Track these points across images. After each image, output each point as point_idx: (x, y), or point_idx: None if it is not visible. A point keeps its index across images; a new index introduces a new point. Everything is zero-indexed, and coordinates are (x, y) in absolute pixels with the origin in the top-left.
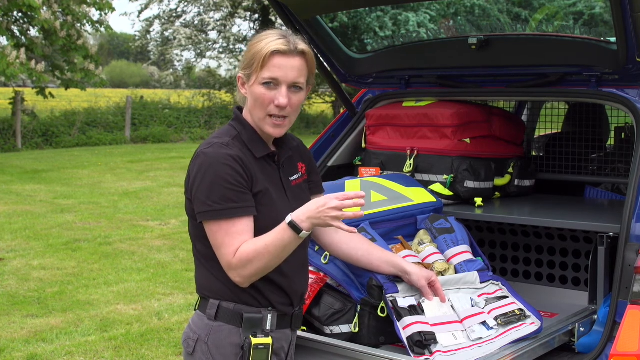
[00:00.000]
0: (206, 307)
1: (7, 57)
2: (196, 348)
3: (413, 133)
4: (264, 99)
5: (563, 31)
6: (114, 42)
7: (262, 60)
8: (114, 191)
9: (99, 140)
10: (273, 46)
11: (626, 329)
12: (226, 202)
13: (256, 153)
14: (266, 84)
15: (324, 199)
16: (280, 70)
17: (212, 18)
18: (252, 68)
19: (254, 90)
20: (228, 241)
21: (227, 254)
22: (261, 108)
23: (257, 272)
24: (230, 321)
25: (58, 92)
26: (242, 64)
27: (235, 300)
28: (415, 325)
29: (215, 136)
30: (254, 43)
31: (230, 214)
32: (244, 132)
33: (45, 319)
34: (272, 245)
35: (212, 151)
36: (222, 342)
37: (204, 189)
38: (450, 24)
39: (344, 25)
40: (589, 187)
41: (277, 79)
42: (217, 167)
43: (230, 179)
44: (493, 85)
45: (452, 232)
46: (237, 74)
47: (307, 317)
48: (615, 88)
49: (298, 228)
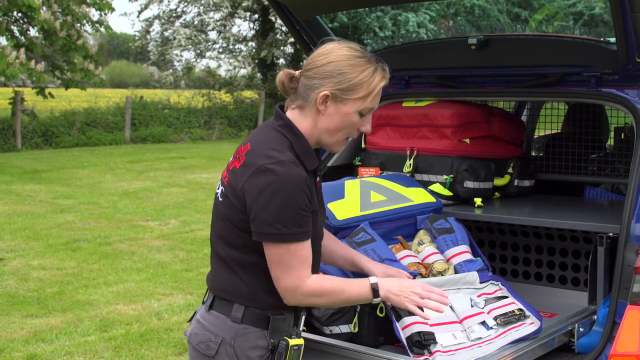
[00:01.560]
0: (230, 310)
1: (7, 57)
2: (219, 350)
3: (413, 133)
4: (355, 125)
5: (563, 31)
6: (114, 42)
7: (375, 92)
8: (113, 191)
9: (98, 140)
10: (383, 82)
11: (626, 329)
12: (296, 226)
13: (308, 166)
14: (364, 113)
15: (412, 282)
16: (378, 99)
17: (212, 18)
18: (353, 94)
19: (350, 116)
20: (296, 264)
21: (298, 276)
22: (346, 133)
23: (314, 304)
24: (256, 324)
25: (58, 92)
26: (334, 83)
27: (261, 307)
28: (414, 326)
29: (272, 146)
30: (352, 66)
31: (298, 238)
32: (297, 142)
33: (45, 319)
34: (348, 295)
35: (281, 171)
36: (248, 345)
37: (273, 210)
38: (450, 24)
39: (344, 25)
40: (589, 188)
41: (374, 109)
42: (290, 189)
43: (302, 203)
44: (493, 86)
45: (451, 232)
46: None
47: (307, 317)
48: (614, 88)
49: (377, 292)
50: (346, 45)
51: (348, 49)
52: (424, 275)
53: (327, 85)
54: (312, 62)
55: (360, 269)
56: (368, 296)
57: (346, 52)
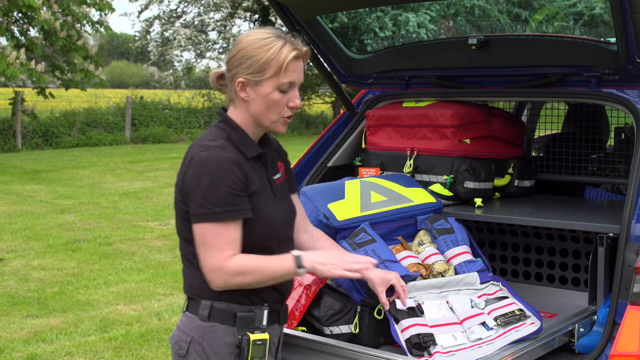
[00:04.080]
0: (197, 308)
1: (7, 58)
2: (190, 350)
3: (413, 133)
4: (280, 103)
5: (563, 31)
6: (114, 43)
7: (284, 67)
8: (114, 191)
9: (98, 140)
10: (292, 53)
11: (626, 329)
12: (224, 205)
13: (248, 154)
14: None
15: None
16: (296, 73)
17: (212, 18)
18: (264, 74)
19: (270, 96)
20: (220, 244)
21: (220, 256)
22: (276, 112)
23: (242, 285)
24: (223, 321)
25: (58, 92)
26: (244, 69)
27: (228, 300)
28: (413, 328)
29: (207, 139)
30: (257, 48)
31: (226, 217)
32: (234, 134)
33: (45, 319)
34: (272, 270)
35: (209, 154)
36: (217, 342)
37: (202, 192)
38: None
39: (344, 25)
40: (589, 188)
41: (294, 82)
42: (216, 170)
43: (230, 182)
44: (493, 86)
45: (452, 233)
46: (236, 79)
47: (307, 318)
48: (615, 88)
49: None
50: (255, 30)
51: (256, 33)
52: (425, 276)
53: (240, 73)
54: (228, 55)
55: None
56: (292, 268)
57: (252, 37)
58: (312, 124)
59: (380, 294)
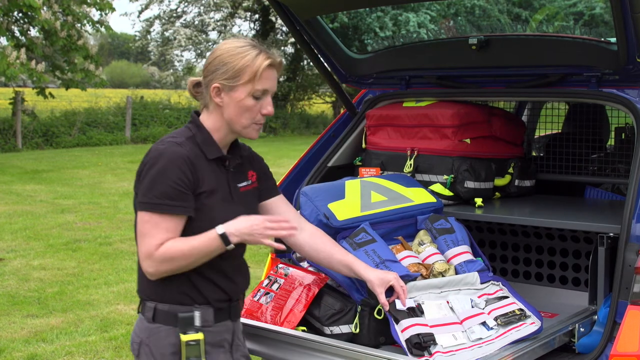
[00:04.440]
0: (145, 310)
1: (8, 58)
2: (140, 351)
3: (413, 133)
4: (253, 109)
5: (563, 31)
6: (114, 42)
7: (258, 74)
8: (114, 191)
9: (99, 140)
10: (267, 61)
11: (626, 329)
12: (164, 198)
13: (208, 155)
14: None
15: (258, 217)
16: (270, 81)
17: (212, 18)
18: (239, 80)
19: (244, 102)
20: (154, 233)
21: (150, 244)
22: (249, 117)
23: (173, 270)
24: (166, 322)
25: (58, 92)
26: (220, 74)
27: (171, 301)
28: (413, 328)
29: (170, 135)
30: (234, 55)
31: (164, 209)
32: (199, 134)
33: (45, 319)
34: (198, 250)
35: (163, 148)
36: (161, 343)
37: (147, 182)
38: (451, 24)
39: (344, 25)
40: (589, 188)
41: (268, 90)
42: (165, 164)
43: (174, 176)
44: (493, 86)
45: (452, 233)
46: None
47: (307, 318)
48: (615, 88)
49: (227, 240)
50: (232, 39)
51: (232, 41)
52: (425, 276)
53: (216, 78)
54: (205, 62)
55: (357, 275)
56: (219, 245)
57: (229, 45)
58: (313, 124)
59: (379, 295)
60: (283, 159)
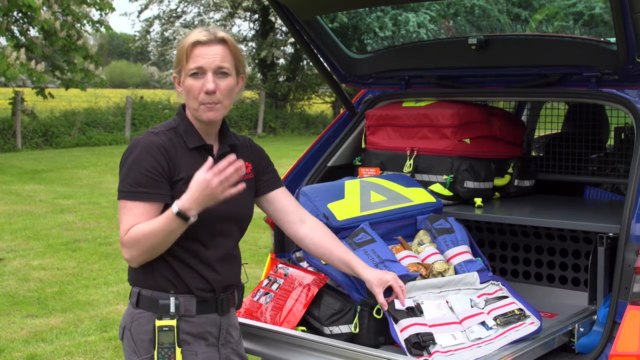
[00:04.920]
0: (130, 296)
1: (7, 58)
2: (124, 335)
3: (413, 133)
4: (193, 89)
5: (563, 31)
6: (114, 42)
7: (186, 54)
8: (113, 191)
9: (98, 140)
10: (193, 38)
11: (626, 329)
12: (137, 185)
13: (189, 144)
14: (194, 74)
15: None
16: (203, 58)
17: (212, 18)
18: (180, 65)
19: (185, 84)
20: (126, 219)
21: (122, 230)
22: (194, 98)
23: (144, 253)
24: (148, 308)
25: (58, 92)
26: (173, 65)
27: (154, 288)
28: (412, 327)
29: (154, 127)
30: (179, 45)
31: (136, 197)
32: (181, 124)
33: (45, 319)
34: (158, 230)
35: (141, 138)
36: (142, 329)
37: (124, 171)
38: (450, 24)
39: (344, 25)
40: (589, 188)
41: (202, 67)
42: (138, 152)
43: (146, 164)
44: (493, 86)
45: (451, 233)
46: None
47: (307, 318)
48: (615, 88)
49: (186, 216)
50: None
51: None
52: (424, 276)
53: (173, 72)
54: None
55: (355, 274)
56: (179, 222)
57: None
58: (312, 124)
59: (378, 295)
60: (283, 159)
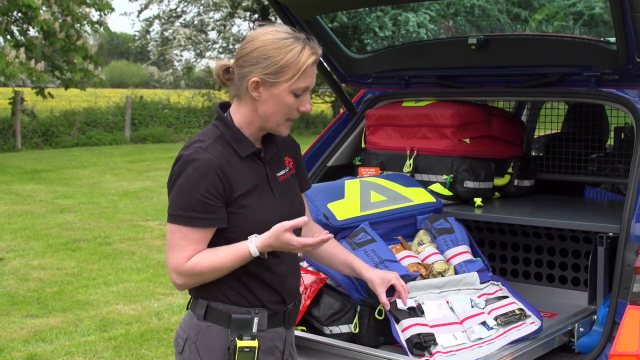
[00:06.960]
0: (196, 307)
1: (6, 57)
2: (185, 347)
3: (413, 133)
4: (292, 106)
5: (563, 31)
6: (114, 42)
7: (302, 70)
8: (113, 191)
9: (98, 140)
10: (311, 58)
11: (626, 329)
12: (190, 210)
13: (241, 152)
14: (297, 93)
15: (287, 242)
16: (311, 78)
17: (212, 18)
18: (282, 76)
19: (284, 98)
20: (183, 245)
21: (179, 256)
22: (285, 114)
23: (203, 282)
24: (218, 321)
25: (57, 92)
26: (261, 69)
27: (224, 301)
28: (414, 327)
29: (197, 137)
30: (277, 49)
31: (193, 223)
32: (228, 132)
33: (45, 319)
34: (230, 266)
35: (191, 154)
36: (210, 343)
37: (174, 194)
38: (450, 24)
39: (344, 25)
40: (589, 187)
41: (309, 87)
42: (191, 174)
43: (201, 188)
44: (493, 86)
45: (451, 233)
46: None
47: (307, 317)
48: (614, 88)
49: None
50: (272, 29)
51: (273, 32)
52: (425, 276)
53: (255, 72)
54: (241, 50)
55: (358, 275)
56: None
57: (270, 37)
58: (312, 124)
59: (380, 295)
60: None
